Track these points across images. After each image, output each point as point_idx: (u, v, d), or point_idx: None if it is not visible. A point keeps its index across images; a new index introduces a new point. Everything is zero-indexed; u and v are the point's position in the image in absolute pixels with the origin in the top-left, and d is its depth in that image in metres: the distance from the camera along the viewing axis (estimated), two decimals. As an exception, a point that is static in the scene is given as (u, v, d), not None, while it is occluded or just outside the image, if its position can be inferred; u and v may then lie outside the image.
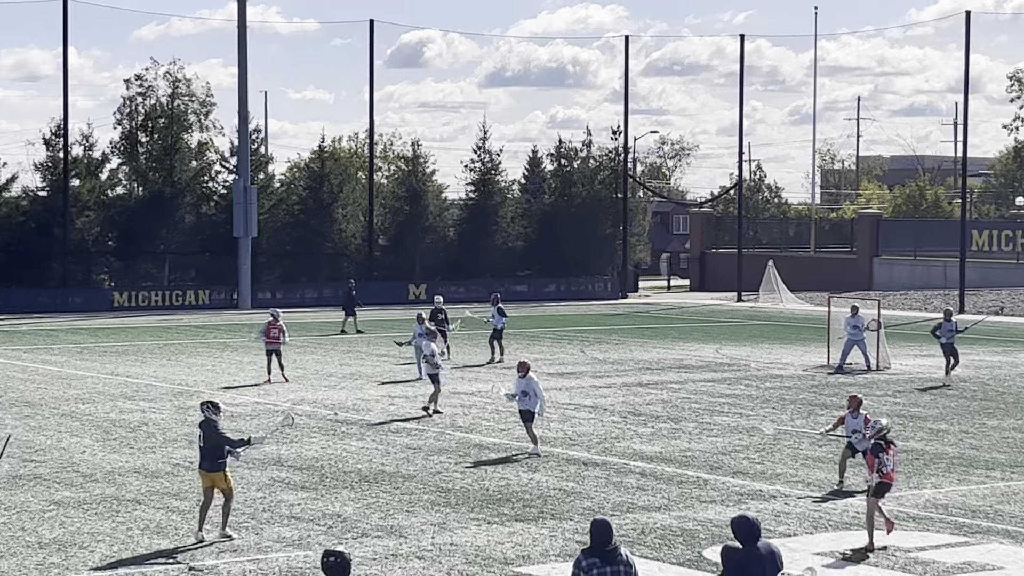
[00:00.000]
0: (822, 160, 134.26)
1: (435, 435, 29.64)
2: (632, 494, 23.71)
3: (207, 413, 20.78)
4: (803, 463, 26.65)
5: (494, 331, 44.32)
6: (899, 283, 77.95)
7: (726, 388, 37.74)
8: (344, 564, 12.77)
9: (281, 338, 38.70)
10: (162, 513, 22.06)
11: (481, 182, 79.38)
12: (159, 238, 72.52)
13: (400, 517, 21.91)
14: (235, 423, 31.04)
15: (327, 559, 12.81)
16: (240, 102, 70.14)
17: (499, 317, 44.39)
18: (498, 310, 44.38)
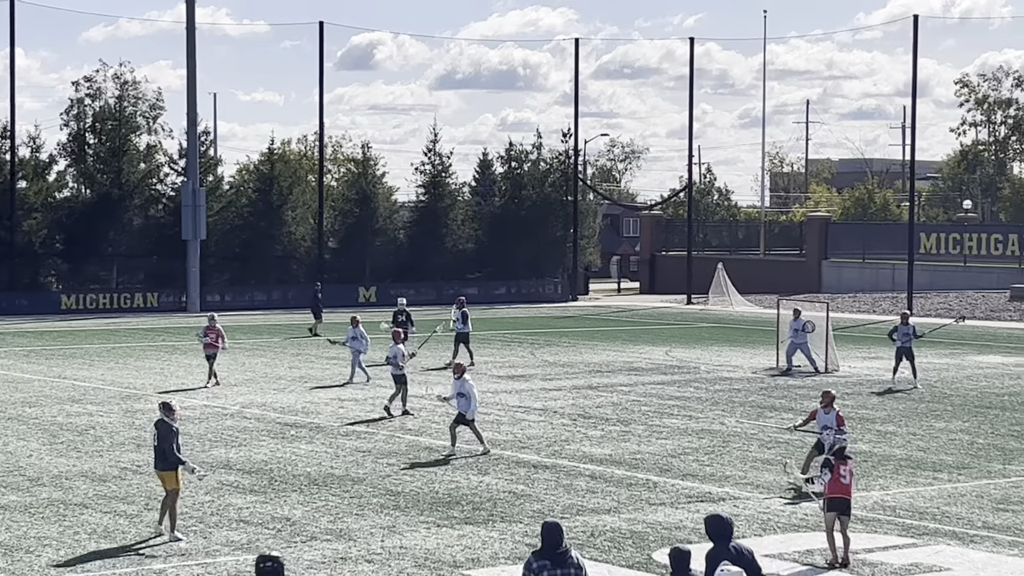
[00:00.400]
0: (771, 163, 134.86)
1: (384, 438, 29.58)
2: (582, 497, 23.72)
3: (163, 414, 21.01)
4: (752, 465, 26.73)
5: (459, 335, 44.05)
6: (848, 286, 78.34)
7: (676, 391, 37.81)
8: (278, 569, 12.72)
9: (219, 343, 38.38)
10: (109, 517, 21.92)
11: (431, 184, 79.30)
12: (107, 240, 72.11)
13: (349, 520, 21.85)
14: (184, 426, 30.85)
15: (262, 564, 12.76)
16: (189, 104, 69.87)
17: (461, 323, 43.89)
18: (463, 314, 44.02)
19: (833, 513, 19.68)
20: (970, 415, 33.58)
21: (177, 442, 20.99)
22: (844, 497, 19.76)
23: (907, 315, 40.86)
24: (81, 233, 71.10)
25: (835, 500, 19.77)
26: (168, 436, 20.83)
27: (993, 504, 23.43)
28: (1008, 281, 71.39)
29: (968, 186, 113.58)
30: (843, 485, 19.81)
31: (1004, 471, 26.47)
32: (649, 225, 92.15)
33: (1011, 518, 22.39)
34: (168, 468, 20.79)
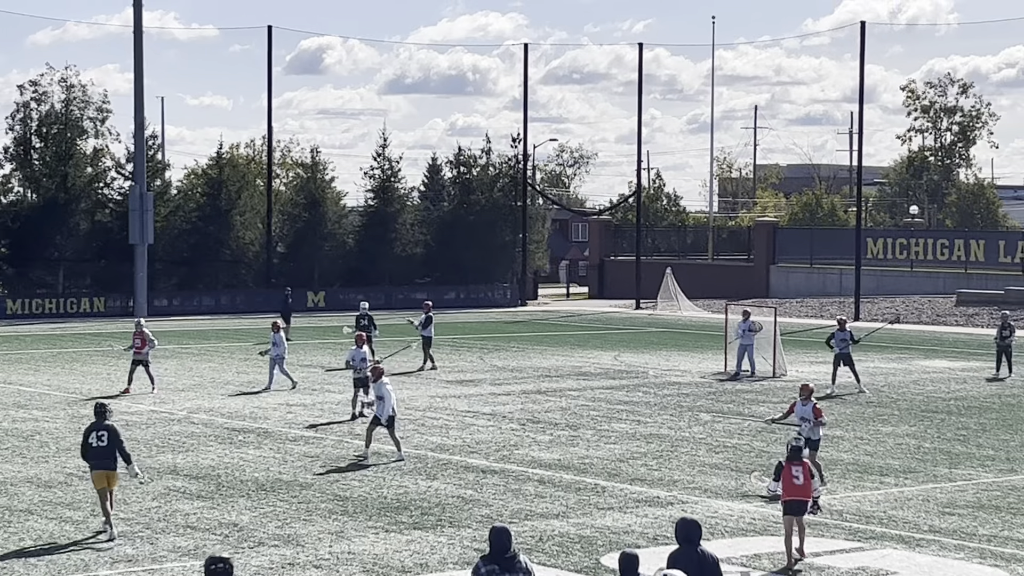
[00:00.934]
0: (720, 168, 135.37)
1: (333, 443, 29.50)
2: (530, 501, 23.72)
3: (108, 416, 21.59)
4: (700, 470, 26.80)
5: (424, 339, 44.09)
6: (795, 290, 78.68)
7: (624, 395, 37.88)
8: (228, 571, 12.69)
9: (145, 347, 38.14)
10: (55, 523, 21.76)
11: (381, 189, 79.22)
12: (53, 245, 71.64)
13: (297, 526, 21.77)
14: (131, 432, 30.72)
15: (212, 566, 12.72)
16: (136, 108, 69.50)
17: (425, 327, 43.93)
18: (427, 318, 44.05)
19: (790, 516, 19.78)
20: (917, 419, 33.78)
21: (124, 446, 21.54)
22: (800, 499, 19.84)
23: (844, 321, 41.09)
24: (27, 238, 70.63)
25: (790, 503, 19.83)
26: (119, 436, 21.39)
27: (939, 508, 23.58)
28: (954, 286, 71.91)
29: (915, 192, 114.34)
30: (796, 487, 19.85)
31: (950, 475, 26.64)
32: (598, 230, 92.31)
33: (957, 522, 22.53)
34: (113, 468, 21.24)
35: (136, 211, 67.61)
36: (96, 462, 21.35)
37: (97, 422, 21.52)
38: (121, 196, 72.98)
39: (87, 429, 21.72)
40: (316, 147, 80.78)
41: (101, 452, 21.32)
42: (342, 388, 38.85)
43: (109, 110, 74.27)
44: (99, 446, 21.34)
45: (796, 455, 20.16)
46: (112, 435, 21.34)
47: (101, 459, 21.33)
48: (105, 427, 21.44)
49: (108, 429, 21.41)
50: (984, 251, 74.82)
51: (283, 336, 39.18)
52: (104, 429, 21.41)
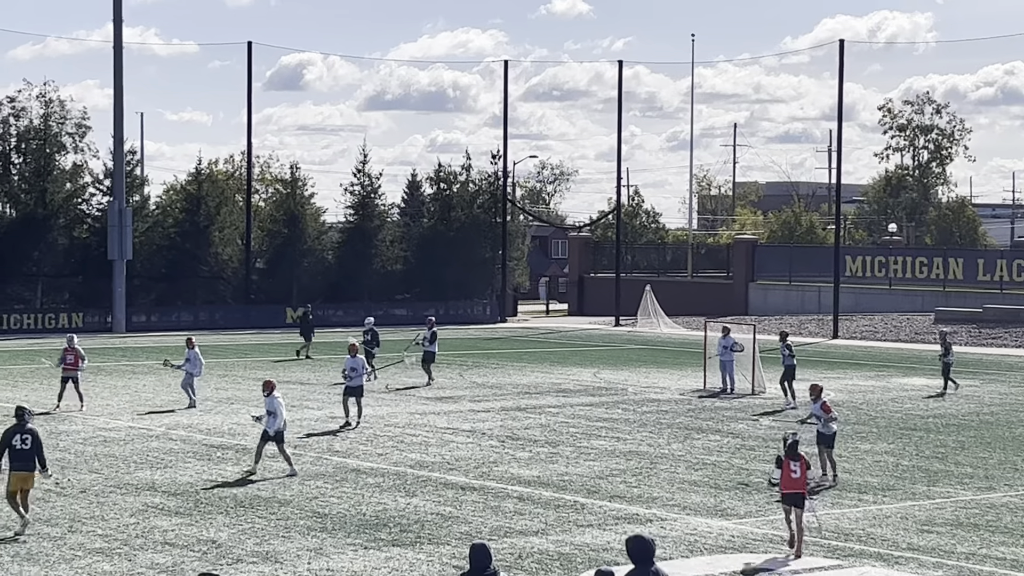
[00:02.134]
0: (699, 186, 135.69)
1: (312, 459, 29.44)
2: (510, 518, 23.70)
3: (30, 420, 22.61)
4: (679, 487, 26.80)
5: (425, 354, 44.62)
6: (774, 308, 78.83)
7: (604, 412, 37.88)
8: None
9: (78, 364, 37.97)
10: (33, 540, 21.67)
11: (360, 205, 79.18)
12: (31, 260, 71.44)
13: (276, 543, 21.72)
14: (109, 448, 30.66)
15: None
16: (115, 123, 69.36)
17: (430, 343, 44.75)
18: (432, 334, 44.82)
19: (789, 505, 21.38)
20: (895, 437, 33.83)
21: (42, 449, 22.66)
22: (797, 492, 21.21)
23: (786, 334, 41.55)
24: (4, 253, 70.41)
25: (788, 495, 21.39)
26: (41, 441, 22.52)
27: (918, 526, 23.61)
28: (933, 304, 72.11)
29: (893, 210, 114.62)
30: (794, 480, 21.25)
31: (928, 492, 26.68)
32: (578, 247, 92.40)
33: (935, 539, 22.56)
34: (33, 469, 22.27)
35: (115, 227, 67.50)
36: (18, 464, 22.15)
37: (19, 424, 22.30)
38: (100, 212, 72.84)
39: (8, 430, 22.42)
40: (296, 163, 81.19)
41: (24, 454, 22.15)
42: (321, 404, 38.81)
43: (88, 126, 74.23)
44: (22, 448, 22.15)
45: (793, 451, 21.37)
46: (35, 439, 22.25)
47: (23, 461, 22.15)
48: (29, 431, 22.26)
49: (31, 433, 22.28)
50: (963, 269, 75.08)
51: (198, 353, 38.78)
52: (28, 433, 22.24)
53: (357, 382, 34.49)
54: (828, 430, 27.20)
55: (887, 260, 78.66)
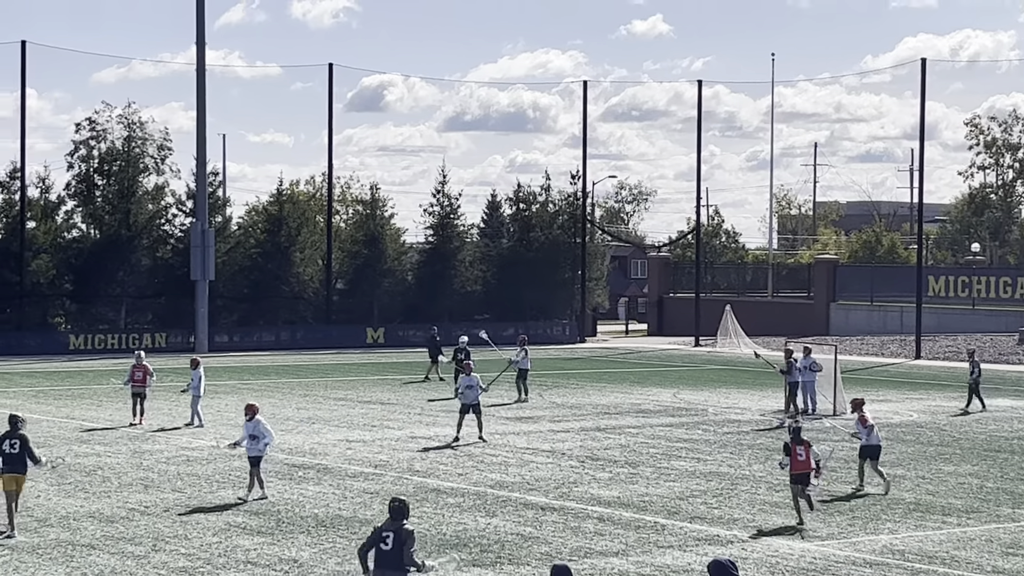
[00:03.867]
0: (779, 205, 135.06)
1: (392, 479, 29.54)
2: (590, 539, 23.67)
3: (21, 427, 24.07)
4: (760, 508, 26.67)
5: (520, 371, 45.77)
6: (856, 328, 78.27)
7: (684, 433, 37.76)
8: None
9: (147, 380, 38.62)
10: (117, 558, 21.89)
11: (440, 226, 79.40)
12: (115, 281, 72.19)
13: (357, 563, 21.76)
14: (191, 467, 30.92)
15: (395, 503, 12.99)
16: (198, 145, 70.04)
17: (523, 359, 45.94)
18: (524, 352, 46.15)
19: (797, 485, 25.12)
20: (979, 459, 33.49)
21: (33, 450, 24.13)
22: (803, 472, 25.08)
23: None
24: (90, 274, 71.24)
25: (796, 475, 25.16)
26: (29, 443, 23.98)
27: (1003, 548, 23.36)
28: (1017, 324, 71.30)
29: (976, 229, 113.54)
30: (800, 462, 25.12)
31: (1013, 515, 26.39)
32: (657, 267, 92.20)
33: (1020, 562, 22.31)
34: (24, 472, 23.81)
35: (197, 247, 68.08)
36: (8, 467, 23.75)
37: (11, 431, 23.94)
38: (182, 232, 73.49)
39: (1, 437, 23.97)
40: (376, 184, 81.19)
41: (13, 458, 23.80)
42: (401, 424, 38.96)
43: (170, 147, 74.90)
44: (11, 452, 23.79)
45: (798, 437, 25.31)
46: (23, 442, 23.85)
47: (13, 464, 23.78)
48: (18, 436, 23.91)
49: (20, 438, 23.89)
50: (1048, 289, 74.23)
51: (202, 372, 39.22)
52: (17, 438, 23.88)
53: (473, 399, 35.15)
54: (870, 440, 28.69)
55: (970, 280, 77.92)
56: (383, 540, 16.69)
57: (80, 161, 73.07)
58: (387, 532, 16.66)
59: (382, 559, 16.67)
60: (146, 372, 38.75)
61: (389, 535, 16.64)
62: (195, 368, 39.23)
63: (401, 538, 16.56)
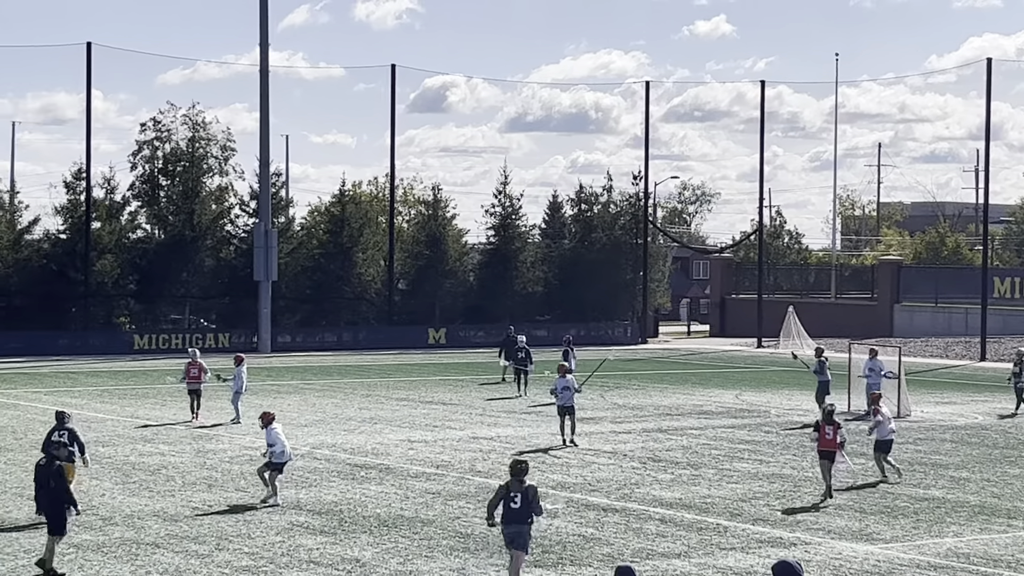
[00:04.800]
0: (842, 206, 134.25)
1: (454, 480, 29.57)
2: (652, 540, 23.61)
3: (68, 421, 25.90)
4: (824, 510, 26.52)
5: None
6: (920, 330, 77.72)
7: (746, 434, 37.62)
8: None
9: (201, 377, 39.08)
10: (181, 557, 22.01)
11: (501, 227, 79.47)
12: (179, 281, 72.66)
13: (419, 562, 21.84)
14: (255, 466, 31.01)
15: None
16: (262, 146, 70.37)
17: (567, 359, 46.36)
18: (565, 352, 47.13)
19: (825, 461, 27.59)
20: (1045, 461, 33.17)
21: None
22: (830, 449, 27.44)
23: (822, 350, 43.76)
24: (154, 274, 71.76)
25: (823, 451, 27.62)
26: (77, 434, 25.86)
27: (1069, 552, 23.11)
28: (1083, 326, 70.62)
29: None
30: (828, 440, 27.45)
31: (1080, 518, 26.11)
32: (719, 268, 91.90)
33: (1088, 566, 22.08)
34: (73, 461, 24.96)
35: (260, 248, 68.42)
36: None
37: (58, 425, 25.81)
38: (246, 233, 73.89)
39: (50, 431, 25.92)
40: (438, 185, 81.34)
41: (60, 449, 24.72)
42: (463, 425, 39.00)
43: (233, 148, 75.34)
44: (59, 442, 25.04)
45: (829, 418, 27.67)
46: (71, 434, 25.62)
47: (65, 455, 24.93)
48: (66, 428, 25.78)
49: (68, 430, 25.70)
50: (1115, 290, 73.49)
51: (244, 370, 39.74)
52: (65, 430, 25.71)
53: (568, 401, 34.97)
54: (880, 436, 30.16)
55: (1036, 281, 77.20)
56: (512, 499, 19.14)
57: (144, 162, 73.61)
58: (515, 493, 19.14)
59: (511, 515, 19.15)
60: (201, 369, 39.28)
61: (517, 495, 19.14)
62: (239, 365, 39.58)
63: (528, 496, 19.15)
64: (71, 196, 71.03)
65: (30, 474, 29.24)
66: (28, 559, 21.74)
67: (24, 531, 23.93)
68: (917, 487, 29.27)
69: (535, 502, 19.17)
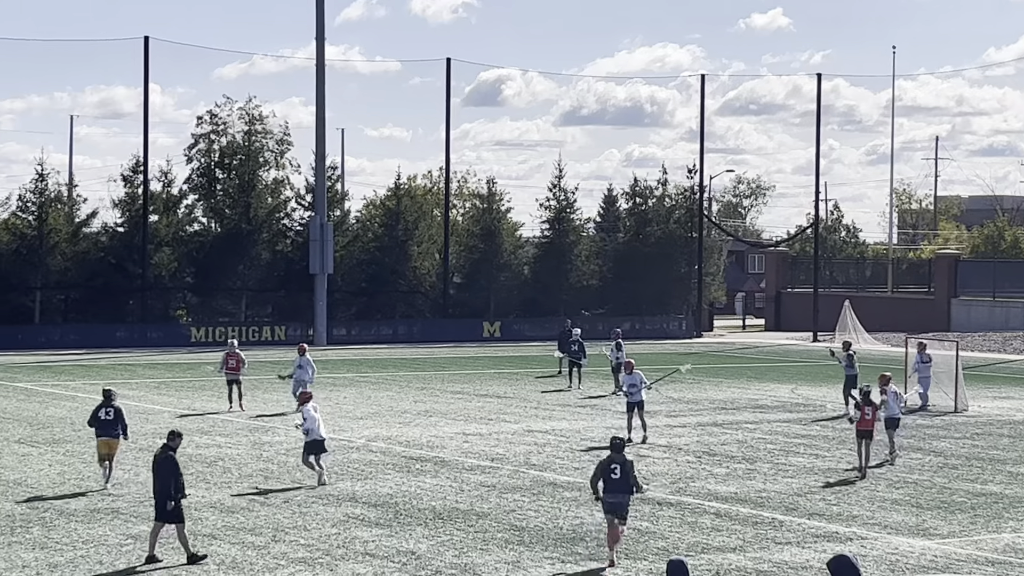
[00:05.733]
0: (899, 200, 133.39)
1: (509, 473, 29.62)
2: (707, 535, 23.58)
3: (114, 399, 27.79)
4: (880, 505, 26.42)
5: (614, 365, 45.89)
6: (977, 324, 77.21)
7: (801, 429, 37.49)
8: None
9: (240, 368, 39.57)
10: (238, 548, 22.14)
11: (556, 220, 79.41)
12: (236, 274, 72.99)
13: (474, 555, 21.89)
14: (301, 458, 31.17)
15: None
16: (317, 140, 70.60)
17: (616, 352, 46.03)
18: (616, 345, 46.43)
19: (862, 439, 29.73)
20: (1104, 457, 32.92)
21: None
22: (868, 428, 29.65)
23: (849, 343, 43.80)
24: (211, 267, 72.14)
25: (861, 431, 29.82)
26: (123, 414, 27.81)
27: None
28: None
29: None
30: (866, 420, 29.68)
31: None
32: (775, 262, 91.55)
33: None
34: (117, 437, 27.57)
35: (316, 241, 68.64)
36: (102, 431, 27.50)
37: (105, 402, 27.69)
38: (301, 226, 74.16)
39: (97, 407, 27.81)
40: (492, 178, 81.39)
41: (107, 424, 27.50)
42: (517, 418, 39.05)
43: (289, 142, 75.60)
44: (106, 419, 27.51)
45: (867, 399, 29.93)
46: (117, 412, 27.56)
47: (107, 429, 27.48)
48: (112, 406, 27.63)
49: (115, 408, 27.60)
50: None
51: (310, 359, 40.26)
52: (111, 407, 27.61)
53: (637, 397, 34.67)
54: (889, 413, 31.72)
55: (1096, 275, 76.56)
56: (611, 471, 21.37)
57: (200, 155, 73.99)
58: (614, 464, 21.40)
59: (612, 486, 21.41)
60: (239, 360, 39.83)
61: (616, 466, 21.40)
62: (303, 355, 39.86)
63: (626, 468, 21.43)
64: (129, 189, 71.48)
65: (88, 465, 29.58)
66: (86, 549, 21.92)
67: (82, 521, 24.13)
68: (974, 482, 29.11)
69: (632, 473, 21.46)
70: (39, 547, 22.13)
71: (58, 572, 20.56)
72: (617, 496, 21.34)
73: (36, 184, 69.98)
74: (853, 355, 41.77)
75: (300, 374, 39.85)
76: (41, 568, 20.77)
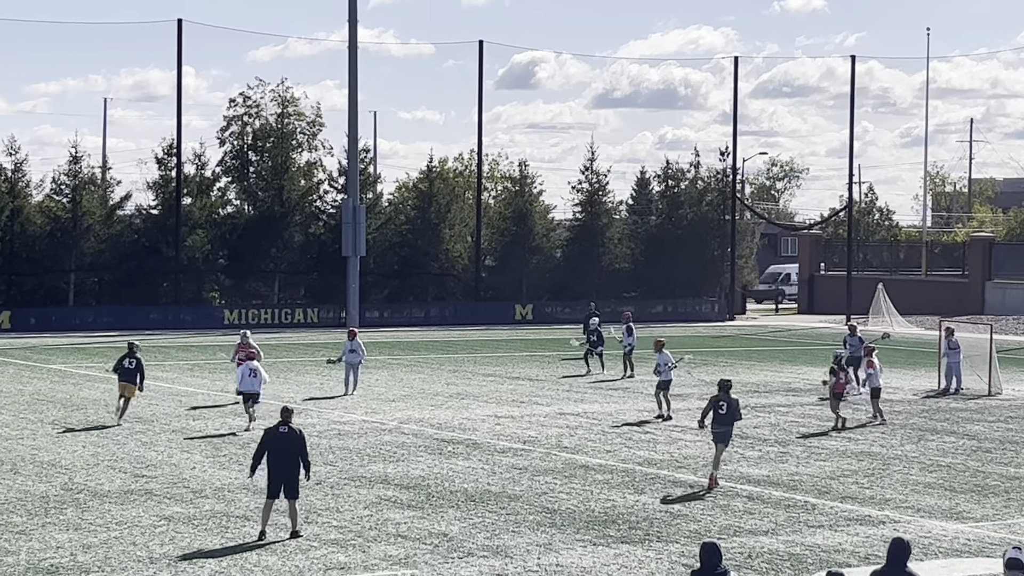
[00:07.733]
0: (933, 182, 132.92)
1: (541, 455, 29.64)
2: (739, 517, 23.57)
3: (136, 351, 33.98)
4: (913, 488, 26.35)
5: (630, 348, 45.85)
6: (1012, 307, 76.85)
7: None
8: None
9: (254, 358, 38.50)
10: (271, 529, 22.19)
11: (588, 203, 79.30)
12: (269, 257, 73.16)
13: (506, 537, 21.92)
14: (342, 441, 31.30)
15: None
16: (350, 122, 70.57)
17: (627, 336, 45.73)
18: (627, 329, 45.88)
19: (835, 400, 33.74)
20: None
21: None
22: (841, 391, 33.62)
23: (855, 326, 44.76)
24: (243, 249, 72.30)
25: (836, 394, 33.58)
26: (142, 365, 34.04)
27: None
28: None
29: None
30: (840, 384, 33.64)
31: None
32: (808, 245, 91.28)
33: None
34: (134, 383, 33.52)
35: (349, 224, 68.69)
36: (124, 377, 33.45)
37: (129, 353, 33.68)
38: (334, 209, 74.25)
39: (122, 356, 33.96)
40: (525, 161, 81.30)
41: (129, 372, 33.44)
42: (549, 401, 39.07)
43: (322, 124, 75.67)
44: (128, 368, 33.42)
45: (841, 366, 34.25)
46: (138, 363, 33.55)
47: (128, 376, 33.42)
48: (135, 357, 33.54)
49: (136, 359, 33.51)
50: None
51: (360, 342, 40.30)
52: (134, 358, 33.50)
53: (667, 376, 35.78)
54: (873, 384, 35.24)
55: None
56: (719, 407, 26.29)
57: (233, 138, 74.13)
58: (722, 402, 26.33)
59: (719, 419, 26.35)
60: (250, 353, 38.47)
61: (723, 404, 26.33)
62: (352, 339, 39.87)
63: (732, 405, 26.36)
64: (162, 172, 71.66)
65: (122, 447, 29.73)
66: (120, 531, 22.04)
67: (115, 503, 24.24)
68: (1008, 465, 29.01)
69: (737, 410, 26.46)
70: (73, 528, 22.26)
71: (91, 553, 20.67)
72: (723, 427, 26.26)
73: (70, 167, 70.26)
74: (861, 338, 42.25)
75: (351, 358, 39.85)
76: (75, 549, 20.89)
